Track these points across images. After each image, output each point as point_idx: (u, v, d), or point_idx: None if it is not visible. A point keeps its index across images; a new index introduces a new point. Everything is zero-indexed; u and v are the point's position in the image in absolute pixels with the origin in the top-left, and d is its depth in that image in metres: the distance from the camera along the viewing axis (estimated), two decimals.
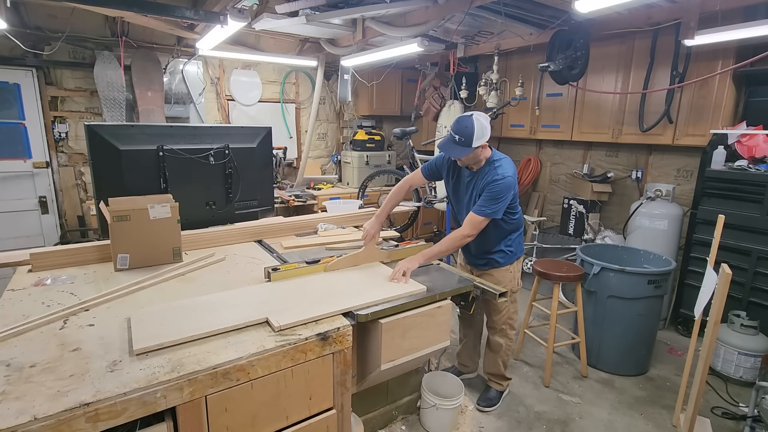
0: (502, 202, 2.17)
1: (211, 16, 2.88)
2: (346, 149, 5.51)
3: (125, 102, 3.99)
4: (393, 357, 1.78)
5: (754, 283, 3.06)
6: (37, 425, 1.04)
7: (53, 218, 4.03)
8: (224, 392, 1.31)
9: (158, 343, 1.34)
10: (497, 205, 2.16)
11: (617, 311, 2.91)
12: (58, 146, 3.99)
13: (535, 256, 4.39)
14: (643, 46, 3.67)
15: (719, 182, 3.21)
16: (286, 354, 1.42)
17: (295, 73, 5.23)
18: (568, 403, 2.70)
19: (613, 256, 3.19)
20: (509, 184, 2.17)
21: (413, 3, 3.07)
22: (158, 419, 1.24)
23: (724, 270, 1.94)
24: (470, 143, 2.08)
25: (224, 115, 4.81)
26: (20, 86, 3.73)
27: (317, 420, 1.55)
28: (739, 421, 2.51)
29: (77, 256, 2.12)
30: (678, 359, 3.21)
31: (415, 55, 4.20)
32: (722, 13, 2.76)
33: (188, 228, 2.42)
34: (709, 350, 2.03)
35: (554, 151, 5.00)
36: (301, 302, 1.70)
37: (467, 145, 2.09)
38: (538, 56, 4.12)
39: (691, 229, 3.43)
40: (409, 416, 2.46)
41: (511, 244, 2.44)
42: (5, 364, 1.26)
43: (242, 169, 2.60)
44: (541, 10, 3.20)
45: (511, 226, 2.40)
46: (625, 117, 3.89)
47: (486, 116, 2.14)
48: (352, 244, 2.51)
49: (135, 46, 4.04)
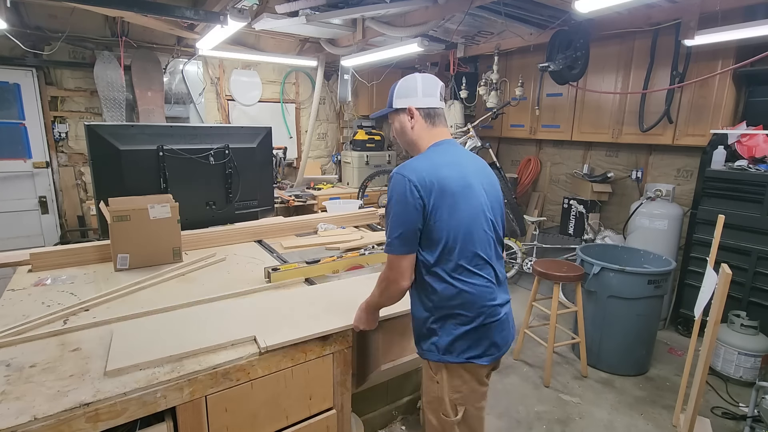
0: (391, 223, 1.31)
1: (211, 16, 2.88)
2: (346, 149, 5.51)
3: (125, 102, 3.99)
4: (393, 357, 1.78)
5: (754, 283, 3.06)
6: (37, 425, 1.04)
7: (53, 218, 4.03)
8: (224, 392, 1.31)
9: (134, 363, 1.24)
10: (389, 230, 1.32)
11: (617, 311, 2.91)
12: (58, 146, 3.99)
13: (535, 256, 4.39)
14: (643, 46, 3.67)
15: (719, 182, 3.20)
16: (286, 354, 1.42)
17: (295, 73, 5.23)
18: (568, 403, 2.70)
19: (613, 256, 3.19)
20: (394, 184, 1.32)
21: (413, 3, 3.07)
22: (158, 419, 1.24)
23: (724, 270, 1.94)
24: (391, 103, 1.47)
25: (224, 115, 4.81)
26: (20, 86, 3.73)
27: (317, 420, 1.55)
28: (739, 421, 2.51)
29: (77, 256, 2.12)
30: (678, 359, 3.21)
31: (415, 55, 4.20)
32: (722, 13, 2.76)
33: (188, 228, 2.42)
34: (709, 350, 2.03)
35: (554, 151, 5.00)
36: (295, 315, 1.60)
37: (389, 105, 1.48)
38: (538, 56, 4.12)
39: (691, 229, 3.43)
40: (409, 416, 2.45)
41: (433, 326, 1.36)
42: (5, 364, 1.26)
43: (242, 169, 2.60)
44: (541, 10, 3.20)
45: (429, 288, 1.34)
46: (625, 117, 3.89)
47: (430, 77, 1.45)
48: (351, 244, 2.51)
49: (135, 46, 4.04)
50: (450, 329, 1.34)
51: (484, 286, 1.34)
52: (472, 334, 1.33)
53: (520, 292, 4.35)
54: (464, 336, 1.33)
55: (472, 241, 1.32)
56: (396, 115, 1.47)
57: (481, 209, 1.35)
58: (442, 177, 1.29)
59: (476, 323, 1.32)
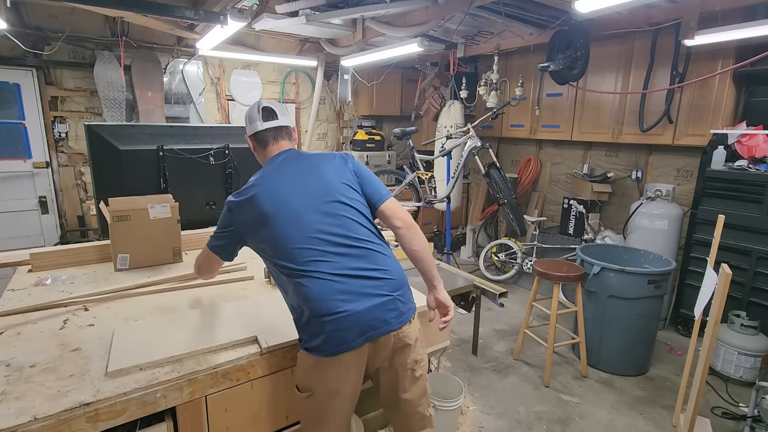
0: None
1: (211, 16, 2.88)
2: (346, 149, 5.51)
3: (125, 102, 3.99)
4: None
5: (754, 283, 3.06)
6: (37, 425, 1.04)
7: (53, 218, 4.03)
8: (224, 392, 1.31)
9: (135, 364, 1.24)
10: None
11: (617, 311, 2.91)
12: (58, 146, 3.99)
13: (535, 256, 4.39)
14: (643, 46, 3.67)
15: (719, 182, 3.20)
16: (286, 354, 1.42)
17: (295, 73, 5.23)
18: (568, 403, 2.70)
19: (613, 256, 3.19)
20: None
21: (413, 3, 3.07)
22: (158, 419, 1.24)
23: (724, 270, 1.94)
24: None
25: (224, 115, 4.81)
26: (20, 86, 3.74)
27: None
28: (739, 421, 2.51)
29: (77, 256, 2.12)
30: (678, 359, 3.21)
31: (415, 55, 4.20)
32: (722, 13, 2.76)
33: (188, 228, 2.42)
34: (709, 350, 2.03)
35: (554, 151, 5.00)
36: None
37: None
38: (538, 56, 4.12)
39: (691, 229, 3.43)
40: None
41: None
42: (5, 364, 1.26)
43: (242, 169, 2.60)
44: (541, 10, 3.20)
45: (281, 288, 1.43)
46: (625, 117, 3.89)
47: (255, 105, 1.55)
48: None
49: (135, 46, 4.04)
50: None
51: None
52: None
53: (520, 292, 4.35)
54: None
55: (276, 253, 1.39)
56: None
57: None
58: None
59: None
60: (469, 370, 3.03)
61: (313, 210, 1.36)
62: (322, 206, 1.37)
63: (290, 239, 1.32)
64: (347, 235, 1.35)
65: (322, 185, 1.41)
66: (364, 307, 1.28)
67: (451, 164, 4.23)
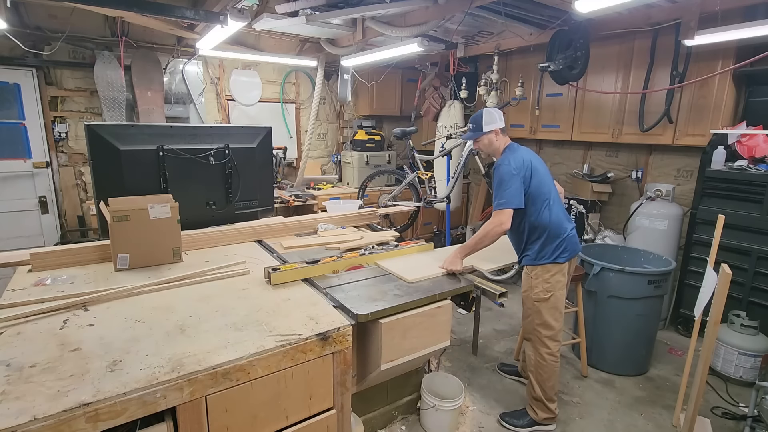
0: (509, 190, 2.17)
1: (211, 16, 2.88)
2: (346, 149, 5.51)
3: (125, 102, 3.99)
4: (393, 357, 1.78)
5: (754, 283, 3.06)
6: (37, 425, 1.04)
7: (53, 218, 4.03)
8: (224, 392, 1.31)
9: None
10: (504, 193, 2.18)
11: (617, 311, 2.91)
12: (58, 146, 3.99)
13: None
14: (643, 46, 3.67)
15: (719, 182, 3.21)
16: (286, 354, 1.42)
17: (295, 73, 5.23)
18: (568, 403, 2.70)
19: (613, 256, 3.19)
20: (504, 172, 2.21)
21: (413, 3, 3.07)
22: (158, 419, 1.24)
23: (724, 270, 1.94)
24: (480, 128, 2.33)
25: (224, 115, 4.81)
26: (20, 86, 3.73)
27: (317, 420, 1.55)
28: (739, 421, 2.51)
29: (77, 256, 2.12)
30: (678, 359, 3.21)
31: (415, 55, 4.20)
32: (722, 13, 2.76)
33: (188, 228, 2.42)
34: (709, 350, 2.03)
35: (554, 151, 5.00)
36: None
37: (478, 130, 2.35)
38: (538, 56, 4.12)
39: (691, 229, 3.43)
40: (409, 416, 2.46)
41: (529, 250, 2.33)
42: (5, 364, 1.26)
43: (242, 169, 2.60)
44: (541, 10, 3.20)
45: (528, 230, 2.29)
46: (625, 117, 3.89)
47: (497, 109, 2.36)
48: (351, 244, 2.51)
49: (135, 46, 4.04)
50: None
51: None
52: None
53: (520, 292, 4.34)
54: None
55: (536, 211, 2.26)
56: (486, 135, 2.35)
57: (549, 178, 2.36)
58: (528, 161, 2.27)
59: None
60: (469, 370, 3.03)
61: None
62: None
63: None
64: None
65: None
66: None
67: (451, 164, 4.23)
